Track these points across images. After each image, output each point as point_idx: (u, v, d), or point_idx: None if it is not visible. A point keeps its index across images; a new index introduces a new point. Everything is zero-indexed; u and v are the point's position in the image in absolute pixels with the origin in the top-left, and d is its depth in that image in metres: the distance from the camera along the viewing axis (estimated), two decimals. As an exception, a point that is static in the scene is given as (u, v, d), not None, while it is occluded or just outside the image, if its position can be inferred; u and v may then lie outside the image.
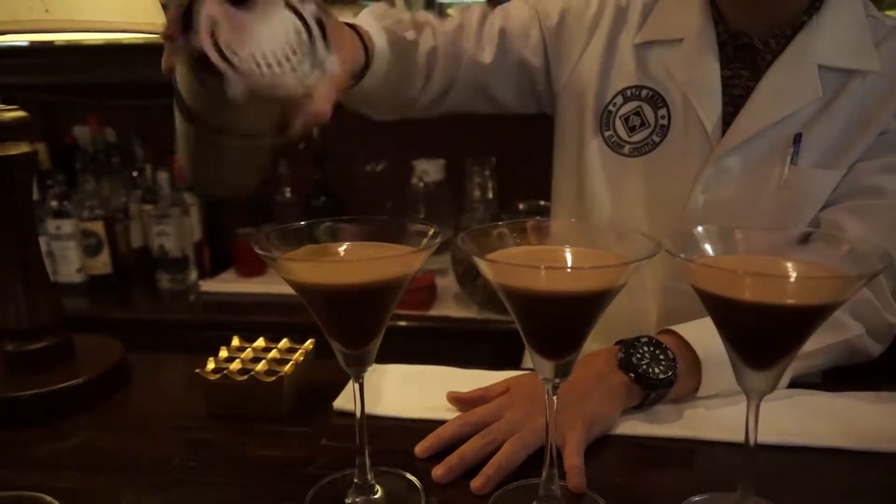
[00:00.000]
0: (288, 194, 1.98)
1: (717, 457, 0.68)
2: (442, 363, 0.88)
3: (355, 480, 0.62)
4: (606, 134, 0.96)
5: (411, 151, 1.98)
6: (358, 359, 0.58)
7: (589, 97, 0.97)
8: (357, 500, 0.62)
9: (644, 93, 0.93)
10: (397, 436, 0.73)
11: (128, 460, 0.70)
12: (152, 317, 1.81)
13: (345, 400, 0.79)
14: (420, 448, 0.70)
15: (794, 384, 0.80)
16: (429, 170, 1.92)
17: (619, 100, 0.95)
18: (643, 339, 0.75)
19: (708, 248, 0.56)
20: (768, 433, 0.66)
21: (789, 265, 0.54)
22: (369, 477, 0.62)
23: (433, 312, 1.74)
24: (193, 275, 1.94)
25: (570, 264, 0.58)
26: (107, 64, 1.84)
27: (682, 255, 0.53)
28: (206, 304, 1.85)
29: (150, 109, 2.10)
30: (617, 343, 0.76)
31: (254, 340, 0.86)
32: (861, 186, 0.85)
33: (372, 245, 0.60)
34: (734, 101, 0.90)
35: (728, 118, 0.90)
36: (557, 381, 0.57)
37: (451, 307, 1.74)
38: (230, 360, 0.81)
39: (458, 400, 0.77)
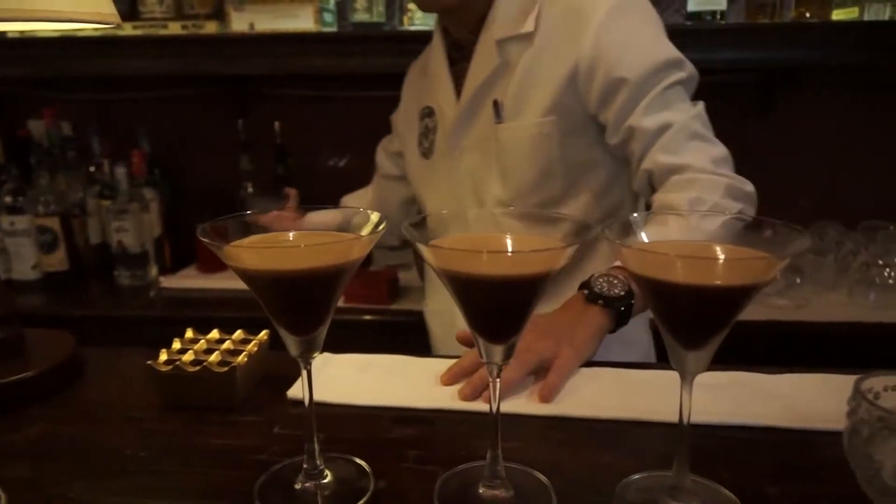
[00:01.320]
0: (250, 189, 1.98)
1: (656, 437, 0.71)
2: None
3: (304, 466, 0.63)
4: (419, 148, 1.26)
5: (374, 147, 1.98)
6: (305, 345, 0.59)
7: (413, 132, 1.29)
8: (306, 485, 0.63)
9: (424, 110, 1.25)
10: (350, 423, 0.74)
11: (80, 450, 0.70)
12: (111, 314, 1.79)
13: (298, 389, 0.79)
14: (446, 377, 0.81)
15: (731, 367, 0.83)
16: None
17: (419, 119, 1.26)
18: (594, 275, 0.90)
19: (643, 235, 0.58)
20: (706, 413, 0.69)
21: (717, 248, 0.56)
22: (318, 462, 0.63)
23: (396, 307, 1.75)
24: (153, 271, 1.92)
25: (510, 249, 0.59)
26: (62, 57, 1.81)
27: (617, 241, 0.55)
28: (166, 300, 1.83)
29: (108, 103, 2.08)
30: (579, 289, 0.90)
31: (208, 333, 0.86)
32: (651, 132, 1.01)
33: (318, 234, 0.61)
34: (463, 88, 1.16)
35: None
36: (501, 363, 0.58)
37: (413, 301, 1.75)
38: (183, 351, 0.81)
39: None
